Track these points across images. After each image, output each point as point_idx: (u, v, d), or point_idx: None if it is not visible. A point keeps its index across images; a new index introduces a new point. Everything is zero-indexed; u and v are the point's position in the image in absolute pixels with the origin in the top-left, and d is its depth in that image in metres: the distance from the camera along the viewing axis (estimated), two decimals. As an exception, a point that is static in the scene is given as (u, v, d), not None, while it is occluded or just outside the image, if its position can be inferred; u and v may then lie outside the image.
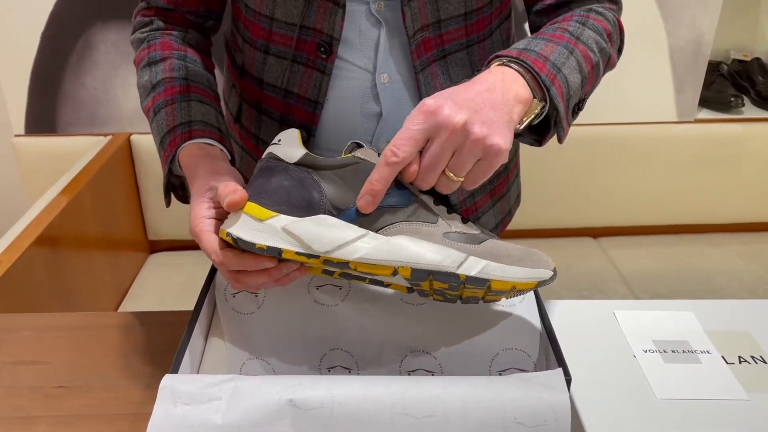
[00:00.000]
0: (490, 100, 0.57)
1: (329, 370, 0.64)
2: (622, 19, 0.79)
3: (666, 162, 1.76)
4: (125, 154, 1.65)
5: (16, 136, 1.67)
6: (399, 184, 0.57)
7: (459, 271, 0.55)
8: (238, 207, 0.57)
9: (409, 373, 0.63)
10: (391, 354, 0.63)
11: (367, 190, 0.56)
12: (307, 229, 0.55)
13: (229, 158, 0.70)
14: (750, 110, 1.81)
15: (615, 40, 0.75)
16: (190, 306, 0.66)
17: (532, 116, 0.62)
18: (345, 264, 0.56)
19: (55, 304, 1.25)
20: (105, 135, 1.66)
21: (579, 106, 0.71)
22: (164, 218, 1.74)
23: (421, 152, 0.56)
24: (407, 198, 0.57)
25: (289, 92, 0.78)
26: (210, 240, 0.59)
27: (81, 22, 1.57)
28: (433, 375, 0.63)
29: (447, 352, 0.62)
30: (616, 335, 0.69)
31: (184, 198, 0.76)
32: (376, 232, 0.57)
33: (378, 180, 0.55)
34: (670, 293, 1.62)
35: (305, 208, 0.57)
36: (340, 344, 0.64)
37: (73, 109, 1.65)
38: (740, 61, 1.89)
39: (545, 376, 0.54)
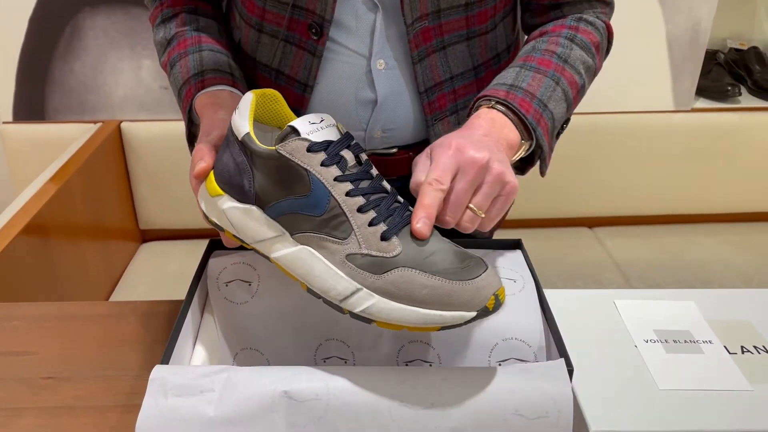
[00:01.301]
0: (482, 129, 0.61)
1: (324, 361, 0.63)
2: (619, 5, 0.79)
3: (662, 151, 1.75)
4: (115, 141, 1.62)
5: (4, 123, 1.64)
6: (319, 186, 0.52)
7: (342, 305, 0.51)
8: (201, 179, 0.59)
9: (407, 363, 0.62)
10: (388, 344, 0.62)
11: (425, 214, 0.53)
12: (237, 218, 0.56)
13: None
14: (747, 100, 1.80)
15: (603, 48, 0.77)
16: (182, 296, 0.65)
17: (520, 154, 0.66)
18: (267, 257, 0.56)
19: (44, 294, 1.24)
20: (95, 122, 1.64)
21: (562, 127, 0.74)
22: (156, 207, 1.72)
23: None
24: (321, 207, 0.52)
25: (280, 73, 0.77)
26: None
27: (69, 7, 1.54)
28: (431, 365, 0.61)
29: (445, 342, 0.61)
30: (616, 325, 0.68)
31: None
32: (292, 235, 0.53)
33: (431, 204, 0.53)
34: (665, 283, 1.62)
35: (241, 193, 0.55)
36: (335, 334, 0.62)
37: (61, 96, 1.62)
38: (737, 50, 1.88)
39: (547, 366, 0.53)
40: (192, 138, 0.76)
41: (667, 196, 1.81)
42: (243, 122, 0.55)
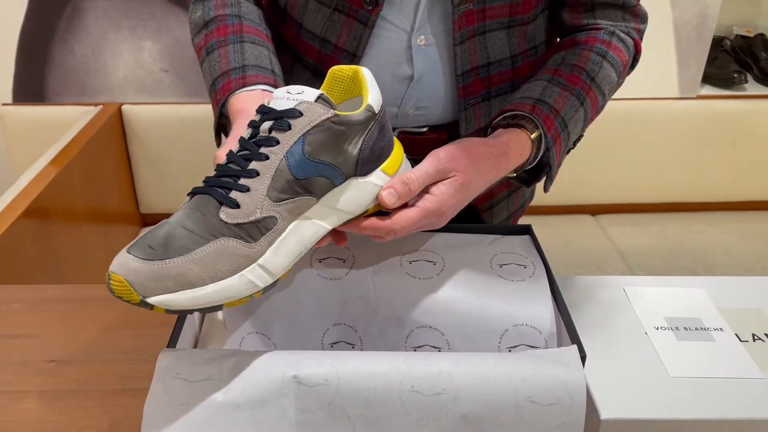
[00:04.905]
0: (494, 171, 0.63)
1: (332, 346, 0.62)
2: None
3: (667, 139, 1.74)
4: (116, 124, 1.61)
5: (3, 104, 1.62)
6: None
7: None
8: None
9: (415, 348, 0.61)
10: (397, 329, 0.61)
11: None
12: None
13: None
14: (753, 87, 1.78)
15: (628, 68, 0.79)
16: (186, 278, 0.64)
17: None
18: None
19: (44, 278, 1.23)
20: (95, 105, 1.62)
21: (574, 144, 0.76)
22: (156, 191, 1.71)
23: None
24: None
25: (326, 42, 0.75)
26: None
27: (69, -13, 1.52)
28: (440, 351, 0.61)
29: (455, 328, 0.60)
30: (626, 312, 0.68)
31: None
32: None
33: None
34: (668, 271, 1.62)
35: None
36: (343, 319, 0.62)
37: (61, 78, 1.60)
38: (743, 37, 1.86)
39: (559, 353, 0.53)
40: (220, 130, 0.75)
41: (670, 184, 1.80)
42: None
